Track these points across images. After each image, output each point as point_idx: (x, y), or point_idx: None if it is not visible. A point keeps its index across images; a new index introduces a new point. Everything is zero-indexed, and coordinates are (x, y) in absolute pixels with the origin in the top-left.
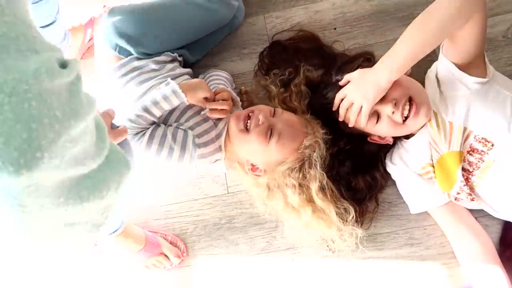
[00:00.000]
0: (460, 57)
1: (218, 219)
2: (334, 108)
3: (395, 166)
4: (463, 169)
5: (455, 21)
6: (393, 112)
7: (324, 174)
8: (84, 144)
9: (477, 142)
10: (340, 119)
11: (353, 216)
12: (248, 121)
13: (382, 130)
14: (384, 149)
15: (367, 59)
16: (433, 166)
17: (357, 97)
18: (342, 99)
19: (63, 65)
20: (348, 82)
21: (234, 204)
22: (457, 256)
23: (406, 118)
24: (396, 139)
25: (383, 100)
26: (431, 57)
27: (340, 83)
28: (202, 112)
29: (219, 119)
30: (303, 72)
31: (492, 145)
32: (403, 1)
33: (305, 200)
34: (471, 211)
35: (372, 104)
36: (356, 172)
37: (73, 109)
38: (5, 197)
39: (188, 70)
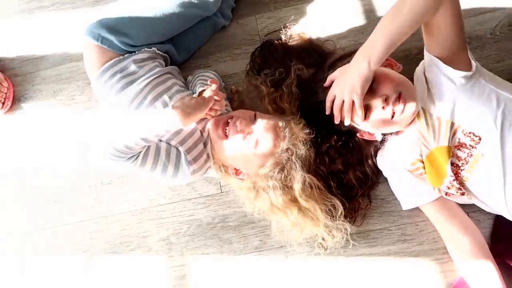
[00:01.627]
0: (442, 50)
1: (212, 219)
2: (328, 112)
3: (385, 163)
4: (453, 164)
5: (427, 7)
6: (383, 107)
7: (305, 175)
8: None
9: (465, 137)
10: (336, 121)
11: (341, 212)
12: (227, 127)
13: (371, 126)
14: (374, 146)
15: None
16: (423, 162)
17: (346, 93)
18: (333, 102)
19: None
20: (332, 82)
21: (228, 203)
22: (449, 251)
23: (394, 113)
24: (386, 136)
25: (374, 95)
26: (422, 55)
27: (324, 84)
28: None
29: (204, 128)
30: (294, 72)
31: (480, 139)
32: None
33: (289, 200)
34: (462, 206)
35: (362, 95)
36: (347, 168)
37: None
38: None
39: (169, 68)
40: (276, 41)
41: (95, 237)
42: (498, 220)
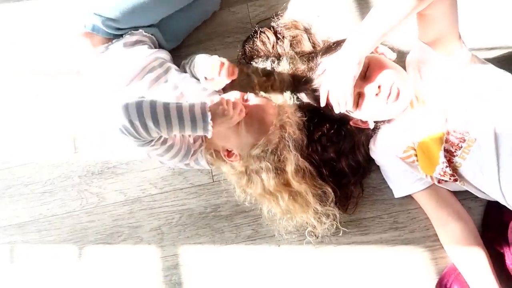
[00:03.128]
0: (435, 39)
1: (204, 208)
2: (323, 104)
3: (378, 150)
4: (446, 150)
5: (416, 3)
6: (376, 94)
7: (299, 156)
8: None
9: (458, 122)
10: (336, 111)
11: (332, 199)
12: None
13: (364, 113)
14: (367, 133)
15: None
16: (415, 150)
17: (337, 85)
18: (327, 96)
19: None
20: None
21: (220, 193)
22: (440, 238)
23: (388, 101)
24: (379, 124)
25: (367, 82)
26: None
27: (317, 73)
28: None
29: None
30: (286, 61)
31: (473, 124)
32: None
33: (282, 184)
34: (454, 194)
35: (353, 84)
36: (339, 157)
37: None
38: None
39: (162, 51)
40: (268, 29)
41: (86, 228)
42: (490, 207)
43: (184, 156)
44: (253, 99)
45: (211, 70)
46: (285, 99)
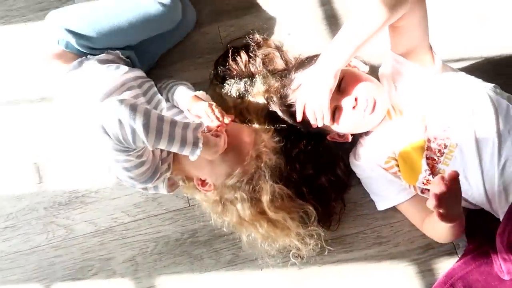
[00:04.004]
0: (407, 48)
1: (180, 234)
2: (299, 118)
3: (359, 163)
4: (428, 158)
5: (387, 17)
6: (353, 107)
7: (275, 185)
8: None
9: (438, 129)
10: (313, 125)
11: (314, 217)
12: None
13: (342, 127)
14: (344, 148)
15: None
16: (396, 160)
17: (314, 98)
18: (304, 108)
19: None
20: (300, 85)
21: (196, 217)
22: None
23: (365, 113)
24: (356, 136)
25: (343, 95)
26: None
27: (292, 87)
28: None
29: None
30: (259, 80)
31: (453, 129)
32: (353, 4)
33: (258, 213)
34: None
35: (329, 97)
36: (318, 173)
37: None
38: None
39: (138, 70)
40: (240, 49)
41: (53, 263)
42: (472, 217)
43: (150, 178)
44: (228, 127)
45: (207, 118)
46: (261, 125)
